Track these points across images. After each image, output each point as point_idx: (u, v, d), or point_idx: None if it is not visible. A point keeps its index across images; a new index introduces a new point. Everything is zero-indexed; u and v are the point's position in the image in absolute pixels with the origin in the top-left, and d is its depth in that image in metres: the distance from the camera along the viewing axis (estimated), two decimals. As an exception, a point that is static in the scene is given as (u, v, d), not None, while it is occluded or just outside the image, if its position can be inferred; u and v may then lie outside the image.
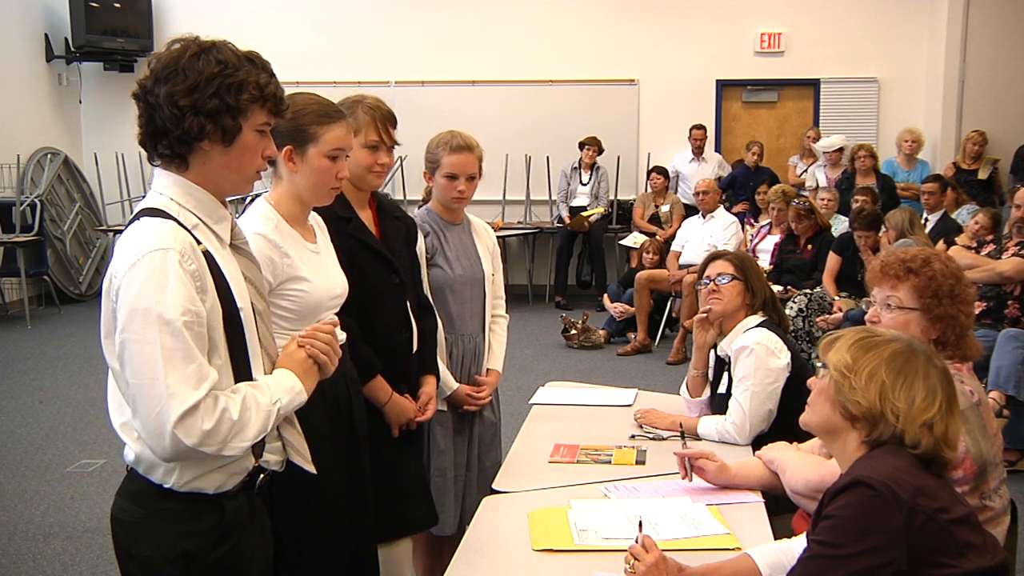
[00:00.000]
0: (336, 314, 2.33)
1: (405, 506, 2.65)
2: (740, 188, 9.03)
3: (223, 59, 1.70)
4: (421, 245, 2.93)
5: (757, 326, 2.93)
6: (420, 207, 3.12)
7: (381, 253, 2.65)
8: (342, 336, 2.11)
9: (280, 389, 1.75)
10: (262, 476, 1.84)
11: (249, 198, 2.55)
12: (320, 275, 2.26)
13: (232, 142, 1.73)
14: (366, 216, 2.68)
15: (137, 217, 1.70)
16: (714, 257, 3.13)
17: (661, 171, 9.14)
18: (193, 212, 1.72)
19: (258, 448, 1.79)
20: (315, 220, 2.39)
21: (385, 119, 2.62)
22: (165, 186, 1.73)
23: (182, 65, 1.67)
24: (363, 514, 2.34)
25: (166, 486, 1.70)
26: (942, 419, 1.73)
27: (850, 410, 1.78)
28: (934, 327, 2.28)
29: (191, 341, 1.60)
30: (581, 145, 9.26)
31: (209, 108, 1.68)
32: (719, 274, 3.01)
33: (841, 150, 8.64)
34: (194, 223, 1.71)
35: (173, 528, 1.71)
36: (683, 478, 2.46)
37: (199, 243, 1.69)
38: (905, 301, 2.32)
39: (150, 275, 1.59)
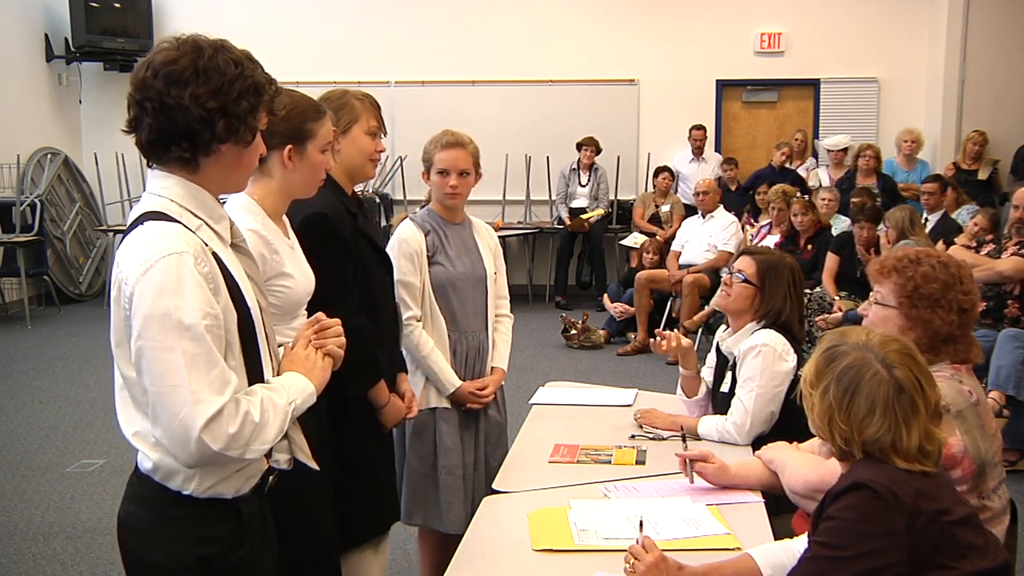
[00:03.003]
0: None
1: (383, 505, 2.67)
2: None
3: (236, 59, 1.69)
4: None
5: (765, 327, 2.92)
6: (422, 207, 3.15)
7: (381, 251, 2.69)
8: None
9: (294, 390, 1.75)
10: (271, 477, 1.84)
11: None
12: (299, 271, 2.27)
13: (251, 143, 1.73)
14: None
15: (140, 221, 1.66)
16: (749, 252, 3.10)
17: (668, 171, 9.14)
18: (195, 213, 1.70)
19: (269, 449, 1.79)
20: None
21: (377, 106, 2.69)
22: (165, 188, 1.70)
23: (202, 66, 1.65)
24: (337, 515, 2.35)
25: (185, 492, 1.67)
26: (888, 431, 1.69)
27: (815, 431, 1.79)
28: (910, 328, 2.24)
29: (212, 345, 1.58)
30: (579, 146, 9.25)
31: (240, 111, 1.67)
32: (739, 271, 2.99)
33: (845, 150, 8.65)
34: (197, 224, 1.69)
35: (189, 534, 1.68)
36: (690, 481, 2.46)
37: (206, 245, 1.67)
38: (885, 297, 2.31)
39: (165, 280, 1.57)
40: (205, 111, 1.64)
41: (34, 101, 9.74)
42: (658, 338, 3.06)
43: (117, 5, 9.78)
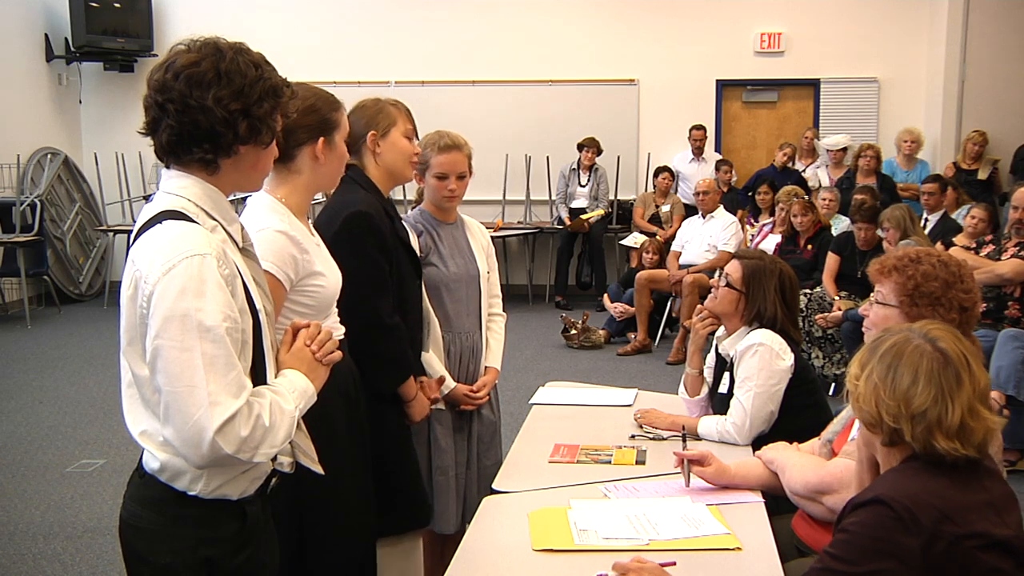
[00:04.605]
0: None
1: (412, 500, 2.67)
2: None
3: (255, 61, 1.70)
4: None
5: (761, 327, 2.93)
6: (412, 208, 3.16)
7: (414, 255, 2.74)
8: (339, 333, 2.14)
9: (297, 393, 1.75)
10: (274, 479, 1.84)
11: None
12: (328, 268, 2.26)
13: (268, 144, 1.75)
14: None
15: (158, 220, 1.65)
16: (739, 256, 3.12)
17: (668, 171, 9.14)
18: (211, 214, 1.70)
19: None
20: None
21: (410, 112, 2.76)
22: (183, 187, 1.69)
23: (223, 69, 1.66)
24: (368, 511, 2.35)
25: (191, 493, 1.67)
26: (936, 404, 1.63)
27: (864, 419, 1.73)
28: None
29: (231, 348, 1.59)
30: (580, 147, 9.24)
31: (261, 112, 1.69)
32: (727, 274, 3.01)
33: (845, 150, 8.64)
34: (212, 225, 1.69)
35: (195, 534, 1.68)
36: (686, 484, 2.45)
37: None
38: (886, 297, 2.30)
39: (188, 281, 1.57)
40: (228, 113, 1.65)
41: (34, 101, 9.73)
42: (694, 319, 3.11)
43: (117, 5, 9.78)
